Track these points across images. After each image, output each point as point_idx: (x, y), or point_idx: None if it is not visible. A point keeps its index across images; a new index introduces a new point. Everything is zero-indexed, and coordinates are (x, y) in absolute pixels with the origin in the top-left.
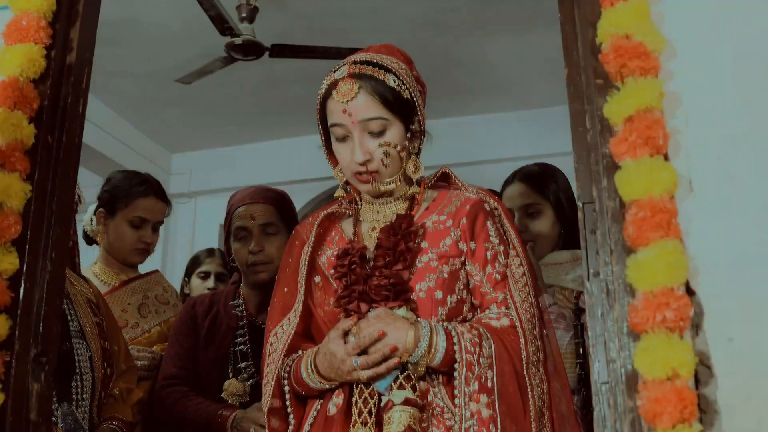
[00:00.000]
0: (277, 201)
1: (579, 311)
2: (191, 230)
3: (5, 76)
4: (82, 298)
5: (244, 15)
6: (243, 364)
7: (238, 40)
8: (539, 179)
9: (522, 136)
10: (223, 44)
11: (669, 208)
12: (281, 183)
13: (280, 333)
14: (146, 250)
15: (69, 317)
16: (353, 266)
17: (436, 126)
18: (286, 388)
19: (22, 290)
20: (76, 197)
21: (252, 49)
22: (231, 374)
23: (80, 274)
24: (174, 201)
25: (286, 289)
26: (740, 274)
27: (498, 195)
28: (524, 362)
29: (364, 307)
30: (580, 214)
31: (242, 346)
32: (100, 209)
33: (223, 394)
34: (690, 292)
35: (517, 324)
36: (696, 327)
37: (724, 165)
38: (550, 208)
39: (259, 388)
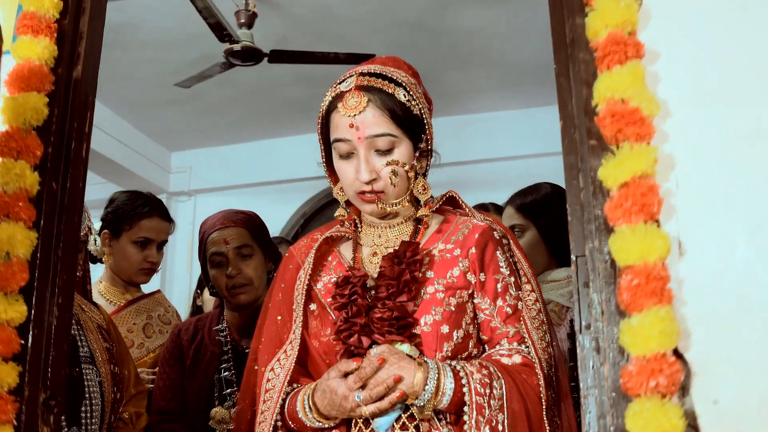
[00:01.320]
0: (248, 223)
1: (574, 335)
2: (191, 228)
3: (8, 125)
4: (92, 324)
5: (242, 21)
6: (228, 390)
7: (237, 47)
8: (524, 200)
9: (521, 134)
10: (222, 48)
11: (663, 276)
12: (280, 181)
13: (278, 369)
14: (152, 270)
15: (79, 343)
16: (354, 297)
17: (435, 125)
18: (279, 423)
19: (30, 337)
20: (86, 229)
21: (251, 55)
22: (217, 402)
23: (92, 300)
24: (174, 199)
25: (279, 318)
26: (727, 338)
27: (500, 211)
28: (543, 406)
29: (365, 341)
30: (573, 267)
31: (227, 373)
32: (105, 230)
33: (210, 422)
34: (677, 354)
35: (536, 365)
36: (683, 389)
37: (714, 228)
38: (534, 228)
39: None
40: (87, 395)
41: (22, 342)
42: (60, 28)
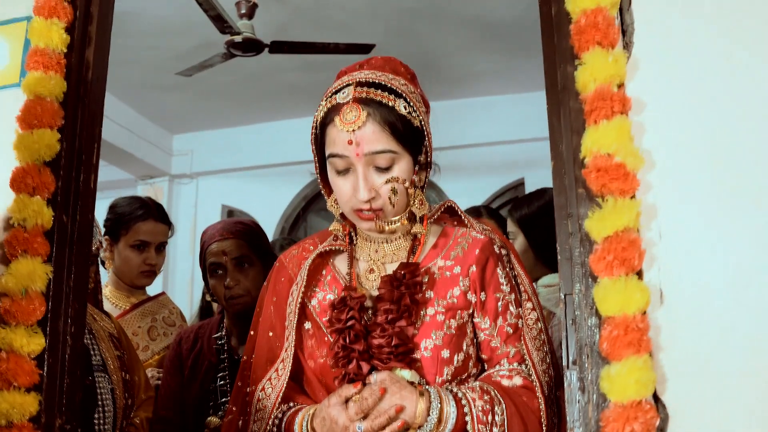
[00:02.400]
0: (246, 234)
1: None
2: (194, 210)
3: (23, 162)
4: (104, 332)
5: (243, 12)
6: (223, 399)
7: (237, 38)
8: (519, 212)
9: (522, 119)
10: (223, 36)
11: (641, 327)
12: (282, 164)
13: (269, 389)
14: (152, 272)
15: (92, 351)
16: (351, 321)
17: (433, 109)
18: None
19: (45, 366)
20: (98, 243)
21: (251, 47)
22: (212, 411)
23: (103, 309)
24: (176, 182)
25: (271, 334)
26: (703, 383)
27: (498, 216)
28: (544, 430)
29: (365, 367)
30: (561, 305)
31: (222, 382)
32: (105, 237)
33: (205, 431)
34: (655, 397)
35: (537, 388)
36: (661, 431)
37: (694, 277)
38: (522, 234)
39: None
40: (100, 402)
41: (41, 372)
42: (68, 61)
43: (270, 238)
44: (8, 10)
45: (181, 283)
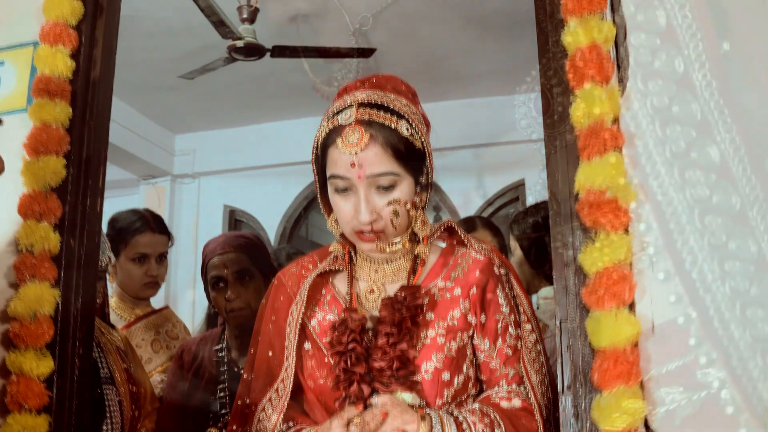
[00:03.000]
0: (247, 248)
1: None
2: (196, 210)
3: (30, 189)
4: (111, 346)
5: (245, 16)
6: (223, 411)
7: (239, 43)
8: (518, 227)
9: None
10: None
11: (630, 360)
12: (283, 164)
13: (269, 409)
14: (155, 283)
15: (100, 364)
16: (352, 345)
17: (435, 110)
18: None
19: (55, 388)
20: (107, 259)
21: (253, 51)
22: (211, 422)
23: (110, 323)
24: (178, 181)
25: (270, 353)
26: (694, 414)
27: (492, 226)
28: None
29: (366, 390)
30: (557, 332)
31: (222, 394)
32: None
33: None
34: (647, 426)
35: (536, 411)
36: None
37: (684, 310)
38: (518, 248)
39: None
40: (108, 415)
41: (51, 394)
42: (73, 87)
43: (272, 237)
44: (16, 34)
45: (183, 282)
